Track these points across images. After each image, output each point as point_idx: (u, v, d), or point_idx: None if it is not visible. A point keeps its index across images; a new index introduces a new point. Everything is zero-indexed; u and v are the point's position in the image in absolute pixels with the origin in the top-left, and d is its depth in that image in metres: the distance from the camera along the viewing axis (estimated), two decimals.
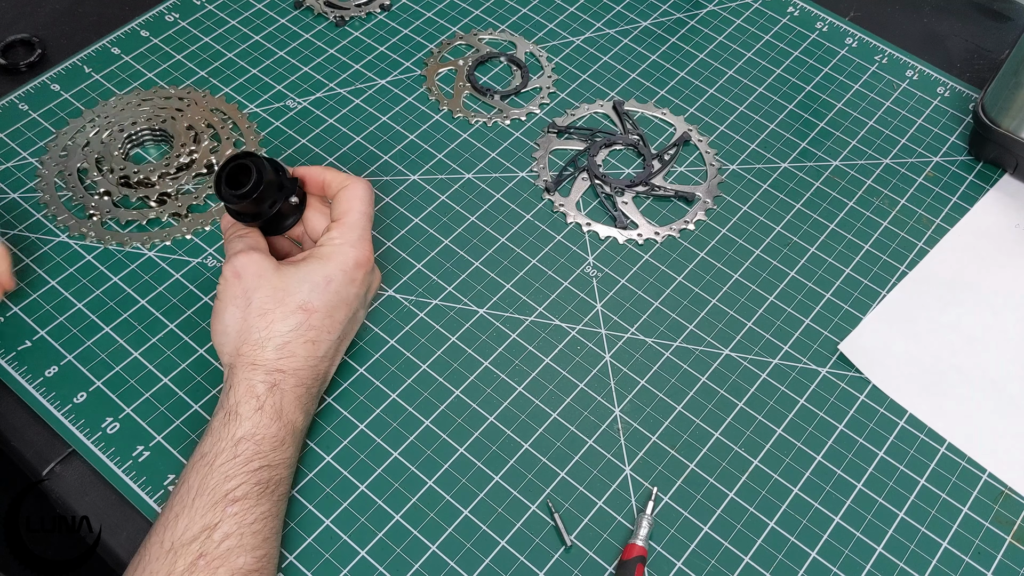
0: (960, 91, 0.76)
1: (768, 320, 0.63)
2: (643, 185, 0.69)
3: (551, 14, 0.81)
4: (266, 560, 0.48)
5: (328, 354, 0.54)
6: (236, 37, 0.78)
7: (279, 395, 0.51)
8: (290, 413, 0.51)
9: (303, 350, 0.53)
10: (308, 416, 0.54)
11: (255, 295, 0.53)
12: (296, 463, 0.53)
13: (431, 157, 0.71)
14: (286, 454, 0.51)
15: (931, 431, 0.59)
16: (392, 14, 0.80)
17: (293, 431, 0.52)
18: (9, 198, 0.67)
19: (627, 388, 0.60)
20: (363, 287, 0.56)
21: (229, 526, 0.47)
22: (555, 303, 0.64)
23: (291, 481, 0.52)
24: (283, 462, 0.51)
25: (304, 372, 0.53)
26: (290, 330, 0.52)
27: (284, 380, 0.52)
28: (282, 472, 0.51)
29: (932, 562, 0.54)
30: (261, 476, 0.49)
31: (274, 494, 0.50)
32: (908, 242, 0.68)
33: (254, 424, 0.50)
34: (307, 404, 0.53)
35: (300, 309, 0.53)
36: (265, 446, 0.50)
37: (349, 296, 0.55)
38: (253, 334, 0.52)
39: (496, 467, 0.56)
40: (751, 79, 0.77)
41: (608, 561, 0.53)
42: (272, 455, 0.50)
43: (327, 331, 0.54)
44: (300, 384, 0.52)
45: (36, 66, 0.75)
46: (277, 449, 0.50)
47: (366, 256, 0.55)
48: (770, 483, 0.56)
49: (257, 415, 0.50)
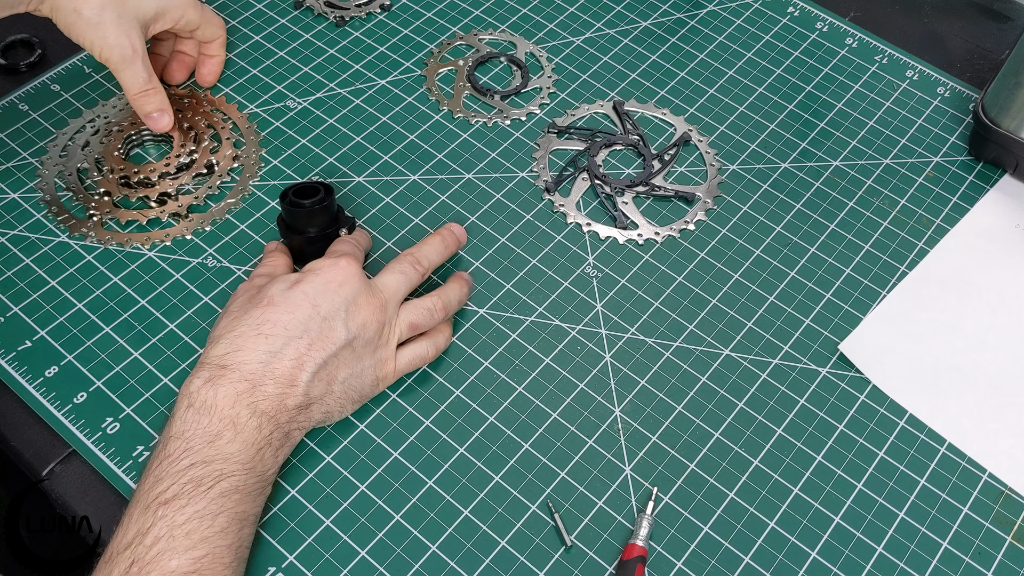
0: (960, 91, 0.76)
1: (768, 320, 0.63)
2: (643, 185, 0.69)
3: (551, 14, 0.81)
4: (207, 560, 0.46)
5: (286, 353, 0.52)
6: (236, 37, 0.78)
7: (212, 390, 0.50)
8: (225, 408, 0.50)
9: (252, 343, 0.52)
10: (263, 415, 0.51)
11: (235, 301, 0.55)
12: (253, 458, 0.50)
13: (431, 157, 0.71)
14: (224, 449, 0.49)
15: (931, 431, 0.59)
16: (392, 14, 0.80)
17: (232, 425, 0.49)
18: (9, 198, 0.67)
19: (627, 388, 0.60)
20: (344, 301, 0.54)
21: (159, 529, 0.46)
22: (555, 303, 0.64)
23: (246, 475, 0.49)
24: (220, 456, 0.49)
25: (251, 366, 0.51)
26: (245, 324, 0.53)
27: (224, 375, 0.51)
28: (221, 467, 0.48)
29: (932, 562, 0.54)
30: (193, 474, 0.48)
31: (211, 491, 0.47)
32: (908, 242, 0.68)
33: (183, 421, 0.49)
34: (256, 401, 0.50)
35: (261, 304, 0.53)
36: (195, 442, 0.48)
37: (321, 302, 0.53)
38: (215, 332, 0.53)
39: (496, 467, 0.56)
40: (751, 79, 0.77)
41: (608, 561, 0.53)
42: (205, 451, 0.48)
43: (283, 326, 0.52)
44: (243, 379, 0.50)
45: (36, 66, 0.75)
46: (211, 444, 0.49)
47: (351, 269, 0.55)
48: (770, 483, 0.56)
49: (187, 412, 0.50)
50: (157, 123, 0.68)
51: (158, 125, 0.68)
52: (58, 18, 0.63)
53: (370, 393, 0.57)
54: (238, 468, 0.49)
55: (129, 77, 0.65)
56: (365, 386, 0.56)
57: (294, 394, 0.52)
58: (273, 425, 0.51)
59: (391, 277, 0.57)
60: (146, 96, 0.66)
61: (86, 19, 0.62)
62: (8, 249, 0.64)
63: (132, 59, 0.65)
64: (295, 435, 0.53)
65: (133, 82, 0.66)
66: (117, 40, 0.63)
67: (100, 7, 0.62)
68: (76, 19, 0.62)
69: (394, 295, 0.57)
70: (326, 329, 0.53)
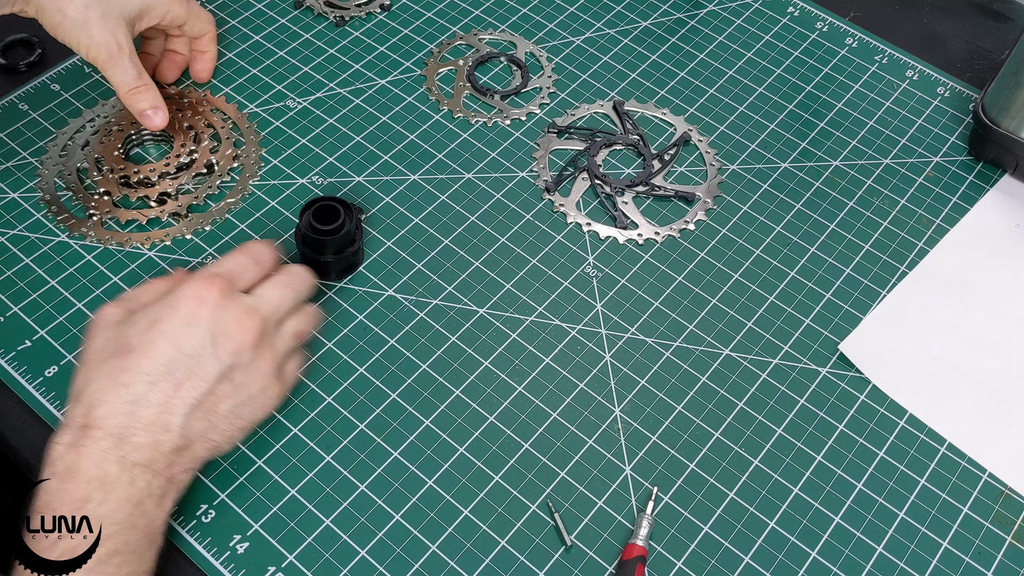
0: (960, 91, 0.76)
1: (768, 320, 0.63)
2: (643, 185, 0.69)
3: (551, 14, 0.81)
4: None
5: (151, 400, 0.49)
6: (236, 37, 0.78)
7: (75, 452, 0.47)
8: (90, 468, 0.47)
9: (112, 396, 0.48)
10: (135, 467, 0.48)
11: (93, 342, 0.52)
12: (131, 515, 0.47)
13: (431, 157, 0.71)
14: (95, 512, 0.46)
15: (931, 431, 0.59)
16: (392, 14, 0.80)
17: (101, 485, 0.47)
18: (9, 198, 0.67)
19: (627, 388, 0.60)
20: (209, 333, 0.50)
21: None
22: (555, 303, 0.64)
23: (125, 536, 0.47)
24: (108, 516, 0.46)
25: (114, 420, 0.48)
26: (103, 377, 0.49)
27: (86, 435, 0.47)
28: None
29: (932, 562, 0.54)
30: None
31: (89, 562, 0.45)
32: (908, 242, 0.68)
33: (47, 493, 0.47)
34: (125, 455, 0.47)
35: (119, 353, 0.50)
36: (64, 510, 0.46)
37: (182, 340, 0.50)
38: (74, 387, 0.50)
39: (496, 467, 0.56)
40: (751, 79, 0.77)
41: (608, 561, 0.53)
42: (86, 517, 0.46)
43: (144, 373, 0.49)
44: (107, 436, 0.47)
45: (36, 66, 0.75)
46: (80, 510, 0.46)
47: (212, 296, 0.51)
48: (770, 483, 0.56)
49: (52, 481, 0.47)
50: (152, 121, 0.67)
51: (153, 123, 0.67)
52: (43, 19, 0.63)
53: (259, 417, 0.54)
54: (115, 530, 0.46)
55: (118, 74, 0.65)
56: (255, 411, 0.53)
57: (169, 439, 0.49)
58: (150, 475, 0.48)
59: (274, 292, 0.55)
60: (137, 93, 0.66)
61: (71, 18, 0.62)
62: (8, 249, 0.64)
63: (119, 56, 0.64)
64: (181, 478, 0.50)
65: (123, 79, 0.65)
66: (103, 38, 0.63)
67: (85, 6, 0.62)
68: (62, 19, 0.62)
69: (275, 311, 0.54)
70: (193, 367, 0.50)
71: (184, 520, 0.54)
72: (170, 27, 0.70)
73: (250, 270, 0.55)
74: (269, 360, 0.53)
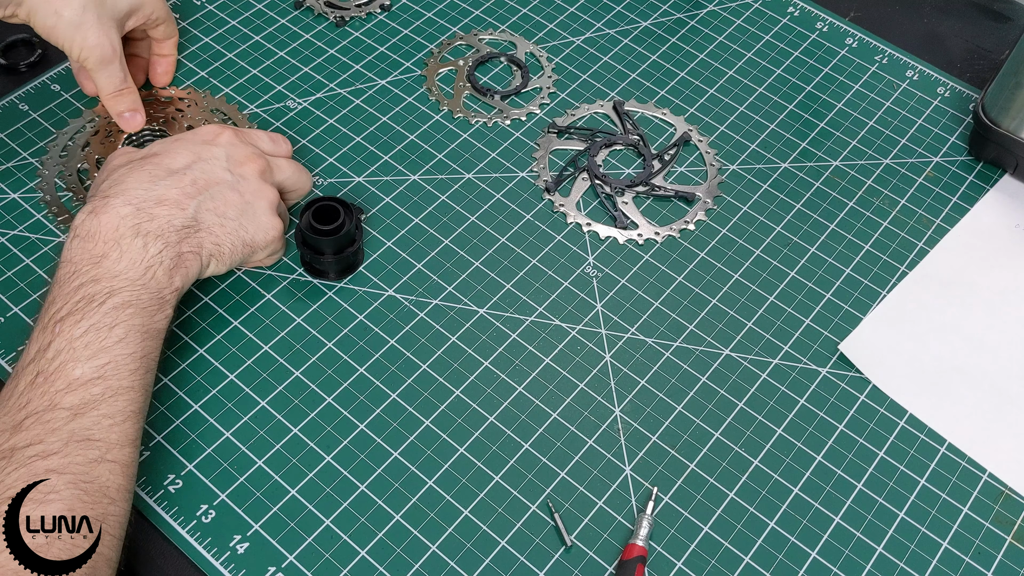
0: (960, 91, 0.76)
1: (768, 320, 0.63)
2: (643, 185, 0.69)
3: (551, 14, 0.81)
4: (111, 367, 0.49)
5: (172, 184, 0.55)
6: (236, 37, 0.78)
7: (96, 218, 0.53)
8: (108, 231, 0.53)
9: (137, 176, 0.55)
10: (148, 235, 0.53)
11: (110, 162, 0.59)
12: (143, 276, 0.53)
13: (431, 157, 0.71)
14: (111, 268, 0.52)
15: (931, 431, 0.59)
16: (392, 14, 0.80)
17: (117, 245, 0.52)
18: (9, 198, 0.67)
19: (627, 388, 0.60)
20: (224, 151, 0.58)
21: (59, 343, 0.49)
22: (555, 303, 0.64)
23: (137, 291, 0.52)
24: (107, 275, 0.52)
25: (136, 192, 0.54)
26: (129, 167, 0.56)
27: (107, 203, 0.53)
28: (110, 284, 0.51)
29: (932, 562, 0.54)
30: (84, 292, 0.51)
31: (104, 306, 0.50)
32: (908, 242, 0.68)
33: (69, 250, 0.52)
34: (140, 223, 0.53)
35: (145, 156, 0.57)
36: (82, 265, 0.52)
37: (202, 151, 0.58)
38: (98, 179, 0.57)
39: (496, 467, 0.56)
40: (751, 79, 0.77)
41: (608, 561, 0.53)
42: (92, 271, 0.51)
43: (167, 167, 0.56)
44: (127, 204, 0.54)
45: (36, 66, 0.75)
46: (97, 265, 0.52)
47: (227, 132, 0.60)
48: (770, 483, 0.56)
49: (72, 242, 0.53)
50: (130, 123, 0.69)
51: (131, 124, 0.69)
52: (36, 21, 0.63)
53: (261, 239, 0.59)
54: (127, 284, 0.52)
55: (106, 77, 0.66)
56: (256, 233, 0.58)
57: (182, 215, 0.55)
58: (162, 244, 0.54)
59: (283, 160, 0.63)
60: (120, 96, 0.67)
61: (67, 20, 0.62)
62: (8, 249, 0.64)
63: (111, 59, 0.65)
64: (189, 258, 0.55)
65: (109, 82, 0.66)
66: (98, 40, 0.64)
67: (82, 7, 0.63)
68: (57, 21, 0.62)
69: (278, 171, 0.62)
70: (209, 171, 0.57)
71: (184, 520, 0.54)
72: (151, 27, 0.70)
73: (264, 141, 0.63)
74: (269, 193, 0.59)
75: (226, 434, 0.57)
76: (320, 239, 0.61)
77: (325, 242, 0.61)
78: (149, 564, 0.53)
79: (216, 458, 0.56)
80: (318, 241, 0.61)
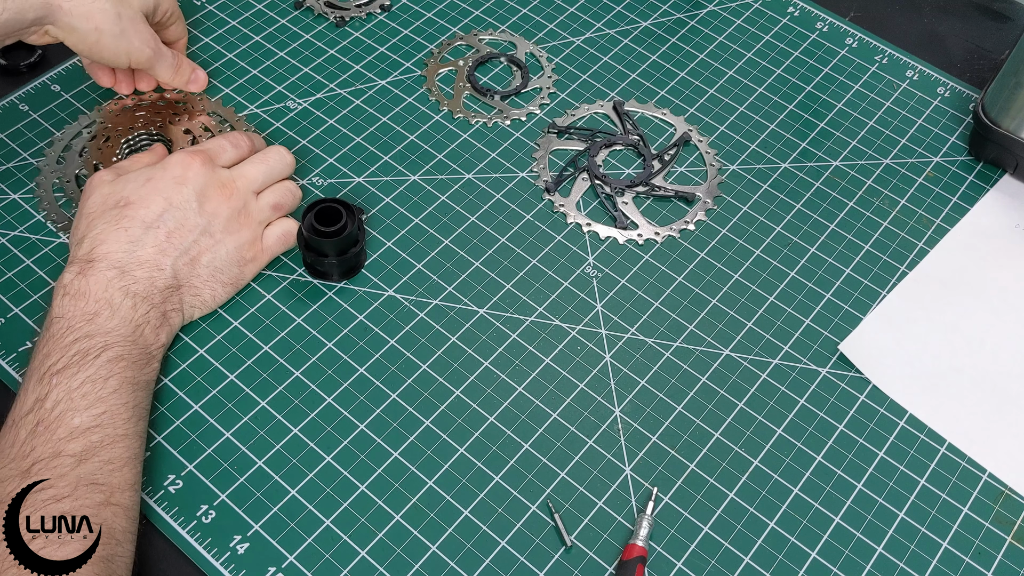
0: (960, 91, 0.76)
1: (768, 320, 0.63)
2: (643, 185, 0.69)
3: (551, 14, 0.81)
4: (107, 416, 0.51)
5: (147, 242, 0.57)
6: (236, 37, 0.78)
7: (84, 279, 0.55)
8: (99, 292, 0.54)
9: (113, 237, 0.56)
10: (136, 296, 0.55)
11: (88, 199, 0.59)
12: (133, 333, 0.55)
13: (431, 157, 0.71)
14: (104, 325, 0.54)
15: (931, 431, 0.59)
16: (392, 14, 0.80)
17: (108, 305, 0.54)
18: (9, 199, 0.67)
19: (627, 388, 0.60)
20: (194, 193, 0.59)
21: (57, 394, 0.50)
22: (555, 303, 0.64)
23: (129, 346, 0.54)
24: (101, 331, 0.53)
25: (116, 256, 0.56)
26: (104, 223, 0.57)
27: (92, 266, 0.55)
28: (104, 339, 0.53)
29: (932, 562, 0.54)
30: (79, 346, 0.52)
31: (99, 359, 0.52)
32: (908, 242, 0.68)
33: (61, 307, 0.54)
34: (127, 285, 0.55)
35: (117, 204, 0.58)
36: (76, 321, 0.53)
37: (173, 196, 0.58)
38: (75, 234, 0.58)
39: (496, 467, 0.56)
40: (751, 79, 0.77)
41: (608, 561, 0.53)
42: (86, 327, 0.53)
43: (140, 220, 0.57)
44: (111, 267, 0.55)
45: (36, 67, 0.75)
46: (91, 322, 0.53)
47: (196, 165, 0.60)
48: (770, 483, 0.56)
49: (63, 299, 0.54)
50: (198, 83, 0.72)
51: (199, 84, 0.72)
52: (74, 39, 0.63)
53: (239, 275, 0.61)
54: (119, 340, 0.54)
55: (162, 69, 0.69)
56: (232, 267, 0.60)
57: (162, 276, 0.57)
58: (148, 305, 0.56)
59: (249, 167, 0.63)
60: (179, 72, 0.71)
61: (109, 33, 0.63)
62: (8, 250, 0.64)
63: (158, 52, 0.68)
64: (172, 316, 0.58)
65: (166, 71, 0.70)
66: (142, 41, 0.66)
67: (116, 17, 0.63)
68: (99, 37, 0.63)
69: (250, 183, 0.62)
70: (181, 219, 0.58)
71: (184, 521, 0.54)
72: (163, 27, 0.70)
73: (228, 150, 0.63)
74: (245, 224, 0.61)
75: (226, 434, 0.57)
76: (323, 241, 0.61)
77: (328, 244, 0.61)
78: (149, 564, 0.53)
79: (216, 458, 0.56)
80: (320, 243, 0.61)
